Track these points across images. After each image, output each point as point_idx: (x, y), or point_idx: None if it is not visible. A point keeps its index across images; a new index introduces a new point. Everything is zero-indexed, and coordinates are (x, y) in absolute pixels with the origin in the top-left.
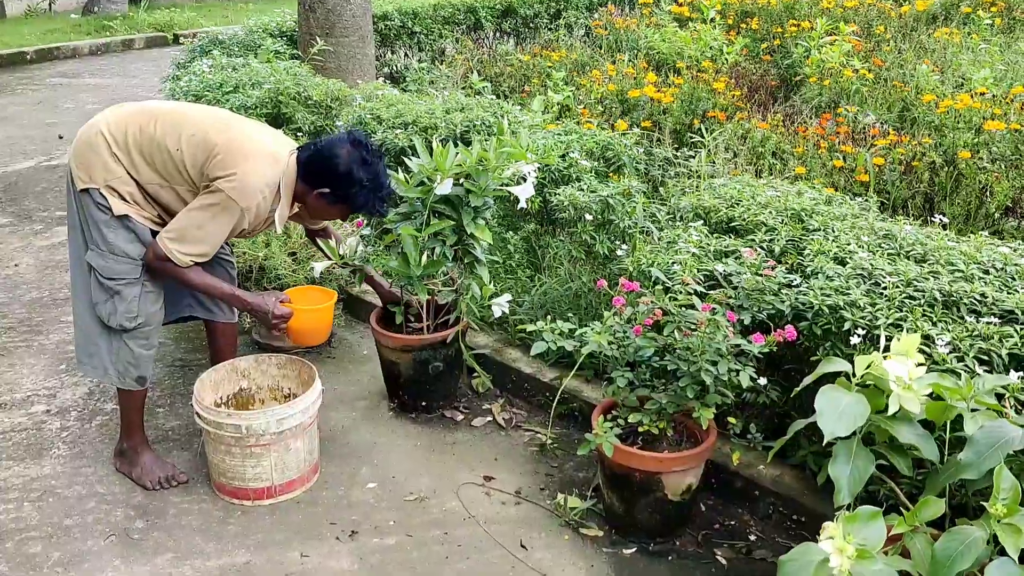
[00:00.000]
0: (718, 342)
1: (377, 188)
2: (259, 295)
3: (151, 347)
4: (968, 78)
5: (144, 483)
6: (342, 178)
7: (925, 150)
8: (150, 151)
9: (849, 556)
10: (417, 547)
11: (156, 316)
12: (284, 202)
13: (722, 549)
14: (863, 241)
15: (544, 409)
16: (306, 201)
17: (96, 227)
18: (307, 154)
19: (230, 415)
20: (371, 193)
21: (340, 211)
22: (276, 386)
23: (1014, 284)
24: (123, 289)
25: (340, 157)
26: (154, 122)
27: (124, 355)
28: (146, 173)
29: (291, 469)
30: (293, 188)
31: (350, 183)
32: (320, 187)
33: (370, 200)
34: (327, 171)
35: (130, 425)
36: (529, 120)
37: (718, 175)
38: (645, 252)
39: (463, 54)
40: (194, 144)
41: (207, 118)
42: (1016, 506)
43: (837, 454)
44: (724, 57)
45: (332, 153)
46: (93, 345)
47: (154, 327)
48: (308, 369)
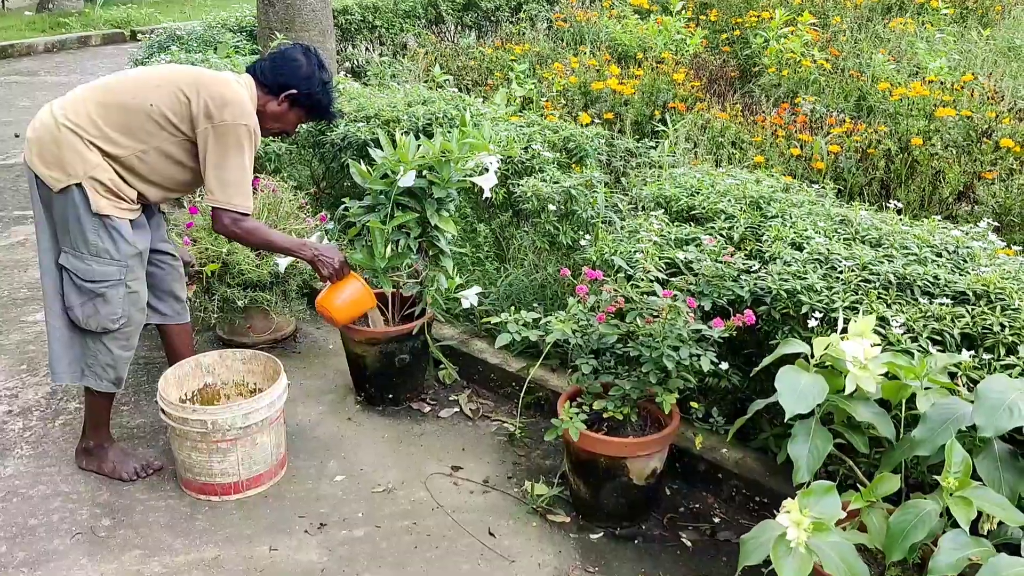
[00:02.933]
0: (679, 328)
1: (332, 90)
2: (325, 245)
3: (130, 348)
4: (923, 67)
5: (121, 475)
6: (306, 78)
7: (880, 138)
8: (122, 120)
9: (806, 529)
10: (386, 538)
11: (139, 317)
12: None
13: (687, 532)
14: (820, 227)
15: (511, 399)
16: (266, 112)
17: (76, 228)
18: (265, 65)
19: (195, 411)
20: (330, 93)
21: (298, 116)
22: (241, 381)
23: (966, 266)
24: (107, 291)
25: (300, 60)
26: (111, 93)
27: (102, 357)
28: (126, 144)
29: (258, 463)
30: (255, 104)
31: (314, 83)
32: (286, 90)
33: (328, 99)
34: (292, 74)
35: (97, 424)
36: (492, 113)
37: (679, 165)
38: (608, 241)
39: (425, 48)
40: (166, 93)
41: (162, 70)
42: (967, 479)
43: (796, 434)
44: (685, 48)
45: (292, 57)
46: (69, 351)
47: (135, 328)
48: (273, 364)
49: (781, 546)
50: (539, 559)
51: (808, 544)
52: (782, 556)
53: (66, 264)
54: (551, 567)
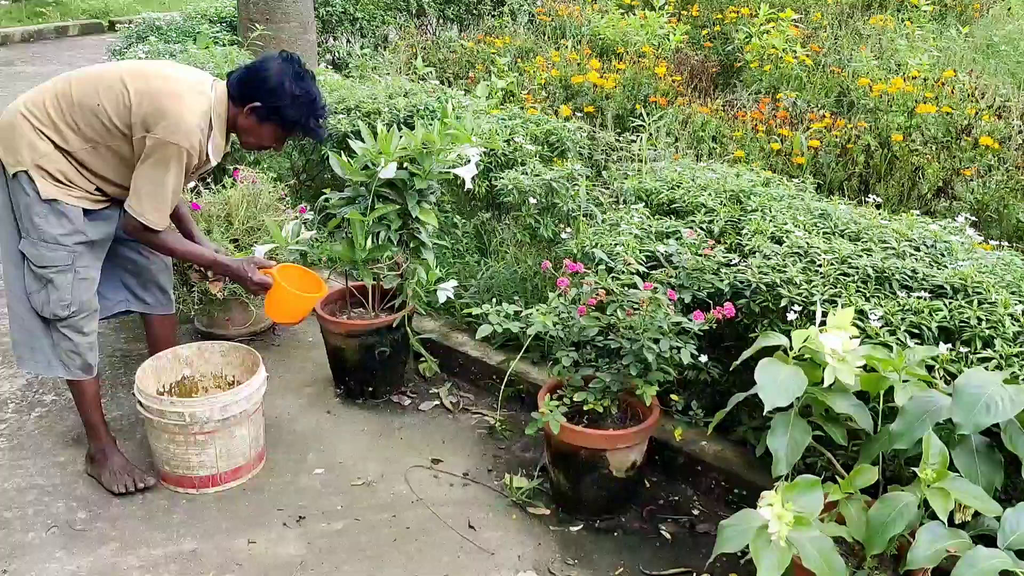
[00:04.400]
0: (660, 320)
1: (311, 103)
2: (241, 261)
3: (87, 335)
4: (904, 64)
5: (112, 488)
6: (273, 91)
7: (860, 133)
8: (72, 115)
9: (787, 523)
10: (365, 531)
11: (90, 304)
12: (218, 131)
13: (666, 524)
14: (799, 221)
15: (491, 392)
16: (238, 126)
17: (26, 214)
18: (237, 74)
19: (173, 403)
20: (304, 108)
21: (272, 131)
22: (220, 373)
23: (944, 260)
24: (56, 277)
25: (271, 70)
26: (69, 86)
27: (64, 344)
28: (74, 140)
29: (236, 456)
30: (226, 115)
31: (282, 95)
32: (251, 102)
33: (303, 115)
34: (257, 85)
35: (92, 424)
36: (473, 105)
37: (660, 159)
38: (589, 234)
39: (406, 40)
40: (114, 95)
41: (123, 69)
42: (945, 471)
43: (775, 426)
44: (667, 44)
45: (263, 67)
46: (34, 339)
47: (88, 315)
48: (252, 356)
49: (761, 538)
50: (519, 552)
51: (789, 538)
52: (761, 548)
53: (23, 250)
54: (531, 559)
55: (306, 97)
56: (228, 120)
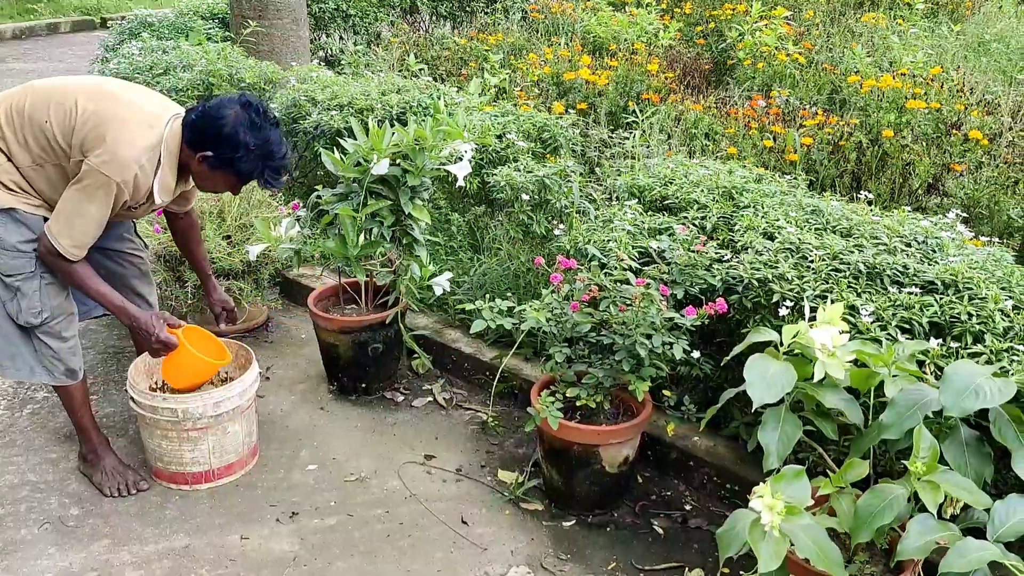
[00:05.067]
0: (652, 316)
1: (267, 156)
2: (149, 314)
3: (67, 339)
4: (897, 61)
5: (103, 490)
6: (225, 141)
7: (852, 130)
8: (23, 129)
9: (779, 513)
10: (358, 526)
11: (63, 308)
12: (168, 169)
13: (659, 519)
14: (791, 217)
15: (484, 388)
16: (191, 168)
17: None
18: (193, 115)
19: (165, 399)
20: (259, 160)
21: (225, 179)
22: None
23: (935, 256)
24: (22, 285)
25: (226, 118)
26: (27, 97)
27: (45, 351)
28: (20, 155)
29: (230, 452)
30: (177, 154)
31: (234, 147)
32: (203, 150)
33: (257, 167)
34: (210, 132)
35: (82, 427)
36: (466, 102)
37: (653, 156)
38: (581, 231)
39: (399, 37)
40: (61, 113)
41: (81, 86)
42: (935, 464)
43: (766, 421)
44: (659, 41)
45: (218, 114)
46: (14, 346)
47: (62, 319)
48: (245, 352)
49: (756, 531)
50: (512, 547)
51: (781, 528)
52: (759, 541)
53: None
54: (523, 554)
55: (261, 148)
56: (181, 160)
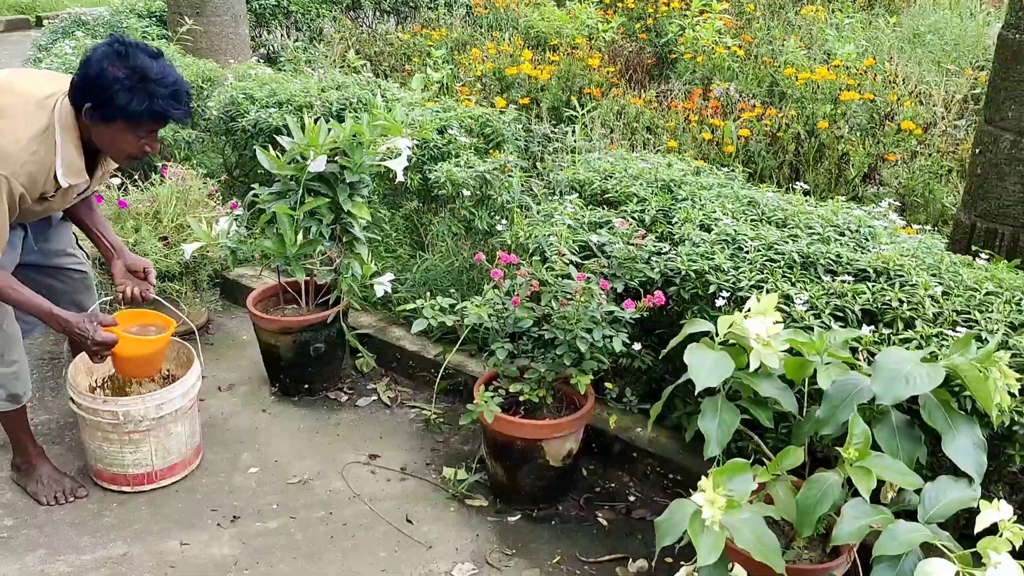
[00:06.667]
0: (593, 310)
1: (145, 81)
2: (81, 317)
3: (10, 365)
4: (833, 53)
5: (39, 499)
6: (95, 82)
7: (789, 122)
8: None
9: (720, 507)
10: (301, 529)
11: (7, 333)
12: (71, 148)
13: (603, 511)
14: (728, 209)
15: (430, 386)
16: (91, 137)
17: None
18: (72, 78)
19: (106, 401)
20: (140, 91)
21: (124, 130)
22: None
23: (867, 245)
24: None
25: (91, 59)
26: None
27: None
28: None
29: (172, 453)
30: (75, 129)
31: (106, 85)
32: (84, 105)
33: (143, 100)
34: (84, 82)
35: (18, 442)
36: (407, 97)
37: (595, 150)
38: (523, 225)
39: (341, 33)
40: None
41: None
42: (868, 450)
43: (705, 409)
44: (601, 35)
45: (85, 61)
46: None
47: (4, 344)
48: (186, 350)
49: (697, 524)
50: (457, 544)
51: (722, 522)
52: (698, 534)
53: None
54: (469, 551)
55: (135, 76)
56: (83, 134)
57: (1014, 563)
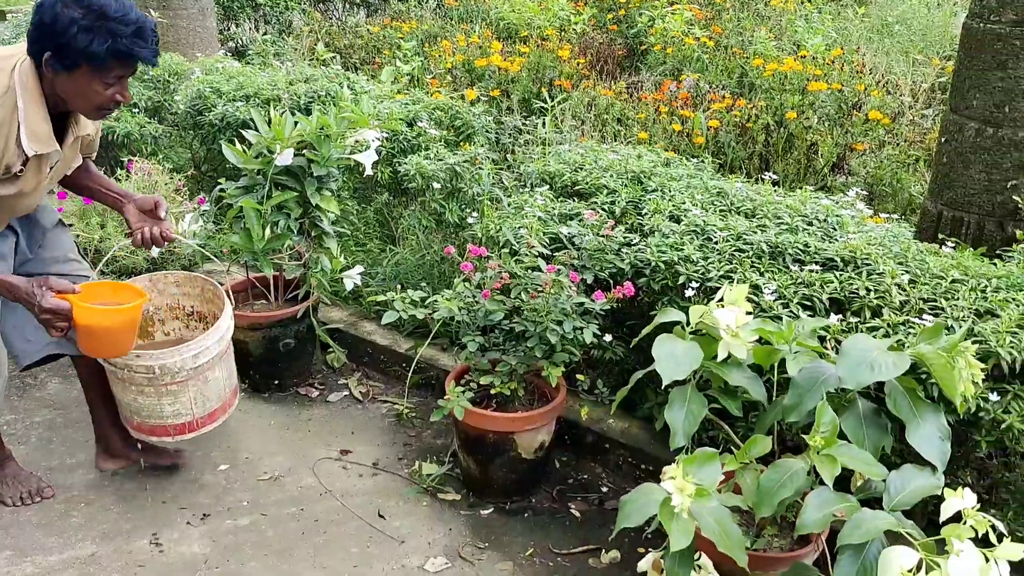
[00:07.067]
0: (563, 302)
1: (103, 19)
2: (30, 281)
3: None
4: (802, 44)
5: (4, 501)
6: (50, 28)
7: (759, 113)
8: None
9: (689, 495)
10: (272, 525)
11: None
12: (33, 113)
13: (576, 502)
14: (697, 199)
15: (401, 380)
16: (57, 93)
17: None
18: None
19: (139, 356)
20: (100, 31)
21: (87, 77)
22: (176, 304)
23: (835, 234)
24: None
25: (43, 3)
26: None
27: None
28: None
29: (212, 400)
30: (38, 89)
31: (62, 29)
32: (43, 56)
33: (104, 40)
34: (39, 31)
35: None
36: (376, 90)
37: (566, 142)
38: (493, 218)
39: (311, 26)
40: None
41: None
42: (834, 438)
43: (672, 400)
44: (572, 27)
45: (38, 5)
46: None
47: None
48: (212, 287)
49: (667, 511)
50: (429, 538)
51: (691, 510)
52: (670, 520)
53: None
54: (441, 545)
55: (92, 14)
56: (46, 93)
57: (977, 550)
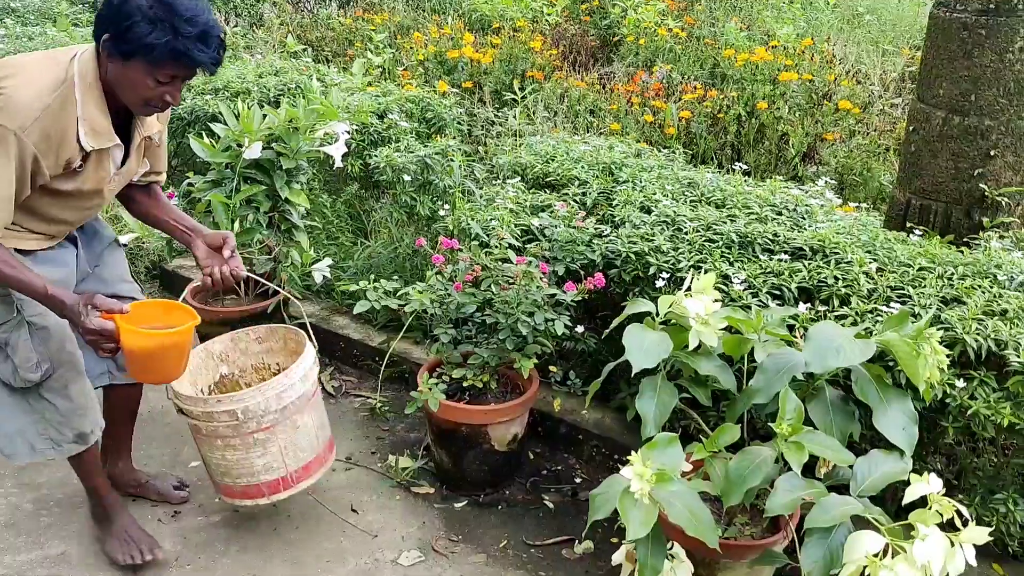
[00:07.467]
0: (534, 293)
1: (169, 14)
2: (77, 298)
3: (74, 397)
4: (773, 34)
5: (115, 558)
6: (119, 9)
7: (730, 103)
8: None
9: (648, 480)
10: (244, 522)
11: (66, 356)
12: (91, 105)
13: (549, 494)
14: (668, 190)
15: (374, 374)
16: (112, 80)
17: None
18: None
19: (220, 400)
20: (163, 25)
21: (141, 70)
22: (261, 364)
23: (804, 223)
24: (9, 336)
25: None
26: None
27: (50, 415)
28: None
29: (304, 450)
30: (98, 81)
31: (128, 13)
32: (103, 36)
33: (166, 35)
34: (106, 7)
35: (93, 490)
36: (347, 82)
37: (538, 133)
38: (465, 210)
39: (282, 19)
40: None
41: None
42: (800, 425)
43: (643, 390)
44: (545, 18)
45: None
46: (8, 422)
47: (66, 371)
48: (294, 335)
49: (627, 499)
50: (403, 532)
51: (652, 495)
52: (628, 508)
53: None
54: (415, 539)
55: (159, 6)
56: (105, 86)
57: (942, 535)
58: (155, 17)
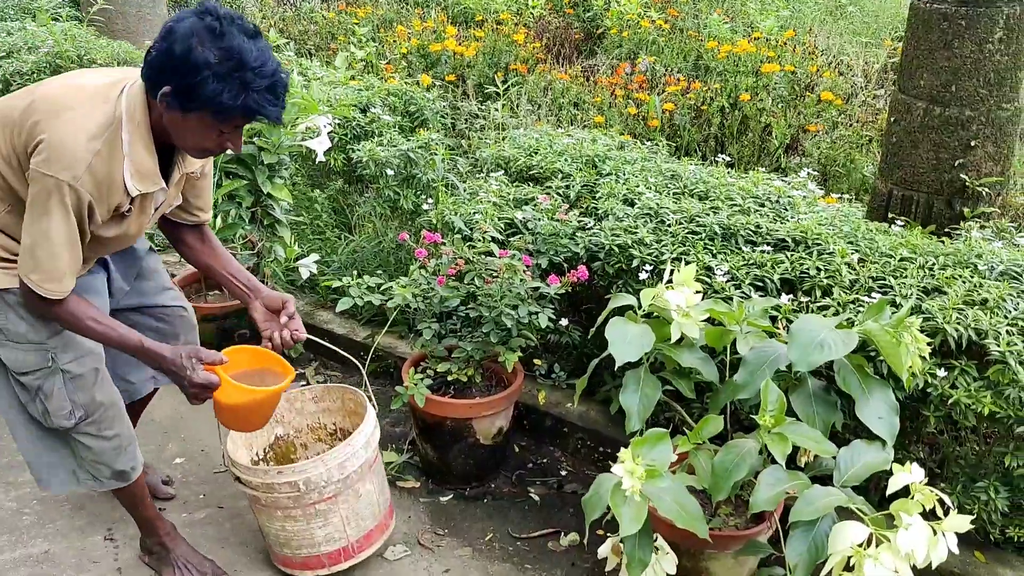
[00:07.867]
0: (517, 287)
1: (239, 68)
2: (179, 351)
3: (111, 436)
4: (756, 26)
5: None
6: (180, 64)
7: (713, 95)
8: None
9: (639, 477)
10: (229, 518)
11: (103, 402)
12: (140, 147)
13: (535, 487)
14: (651, 183)
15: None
16: (163, 124)
17: None
18: (150, 53)
19: (281, 471)
20: (232, 79)
21: (202, 123)
22: (318, 424)
23: (786, 215)
24: (42, 384)
25: (176, 33)
26: None
27: (85, 453)
28: None
29: (366, 519)
30: (146, 120)
31: (193, 68)
32: (160, 88)
33: (234, 90)
34: (163, 62)
35: (143, 521)
36: (329, 76)
37: (522, 126)
38: (448, 204)
39: (264, 12)
40: (11, 119)
41: (30, 88)
42: (783, 417)
43: (626, 383)
44: (529, 11)
45: (169, 33)
46: (47, 452)
47: (109, 413)
48: (352, 394)
49: (618, 496)
50: None
51: (642, 491)
52: (620, 505)
53: (2, 357)
54: (400, 533)
55: (229, 62)
56: (154, 125)
57: (924, 523)
58: (225, 73)
